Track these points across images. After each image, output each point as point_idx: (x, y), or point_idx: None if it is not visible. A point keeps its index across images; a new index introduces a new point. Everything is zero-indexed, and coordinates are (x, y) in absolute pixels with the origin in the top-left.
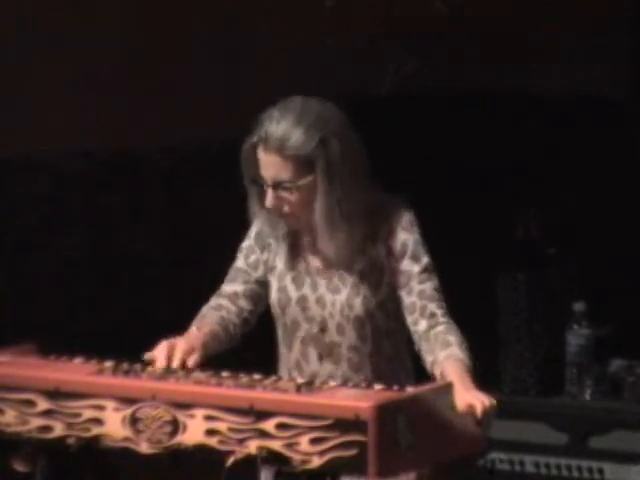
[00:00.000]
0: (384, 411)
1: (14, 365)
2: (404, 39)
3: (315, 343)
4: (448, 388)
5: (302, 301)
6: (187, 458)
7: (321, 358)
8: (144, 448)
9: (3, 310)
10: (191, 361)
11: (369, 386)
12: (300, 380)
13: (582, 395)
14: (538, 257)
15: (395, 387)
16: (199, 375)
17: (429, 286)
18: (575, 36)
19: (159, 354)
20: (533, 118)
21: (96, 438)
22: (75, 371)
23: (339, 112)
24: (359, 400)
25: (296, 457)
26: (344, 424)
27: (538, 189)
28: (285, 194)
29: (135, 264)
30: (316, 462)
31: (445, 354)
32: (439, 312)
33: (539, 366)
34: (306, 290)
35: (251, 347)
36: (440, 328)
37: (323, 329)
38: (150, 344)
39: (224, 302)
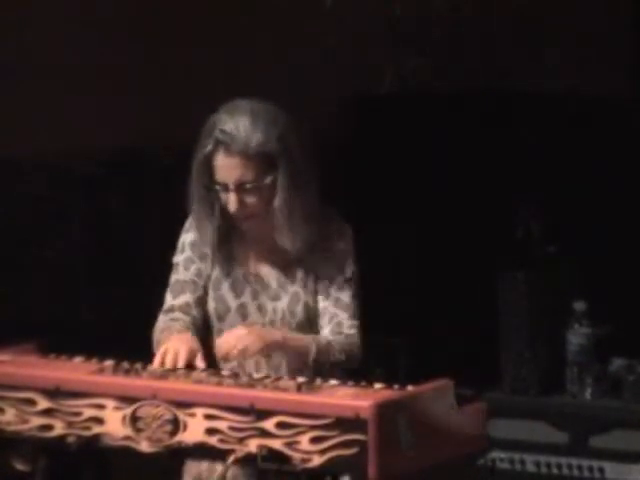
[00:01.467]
0: (384, 410)
1: (14, 364)
2: (404, 39)
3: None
4: (448, 388)
5: (242, 309)
6: (187, 457)
7: (258, 366)
8: (144, 447)
9: (3, 310)
10: (200, 363)
11: (369, 385)
12: (300, 379)
13: (583, 394)
14: (538, 257)
15: (395, 386)
16: (199, 374)
17: (346, 295)
18: (575, 36)
19: (167, 362)
20: (533, 118)
21: (96, 437)
22: (75, 370)
23: (283, 111)
24: (359, 399)
25: (296, 456)
26: (344, 423)
27: (538, 189)
28: (249, 195)
29: (135, 264)
30: (316, 461)
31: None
32: (346, 323)
33: (539, 365)
34: (246, 298)
35: None
36: (338, 338)
37: None
38: (150, 344)
39: (177, 315)
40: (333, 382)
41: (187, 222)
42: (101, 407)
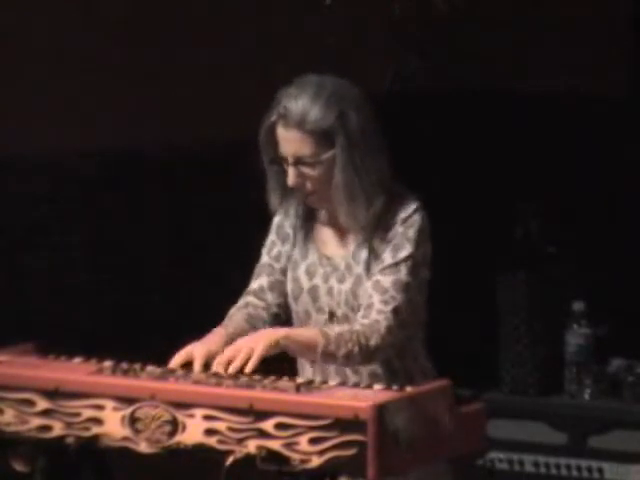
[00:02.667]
0: (383, 411)
1: (13, 365)
2: (404, 39)
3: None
4: (447, 388)
5: (313, 291)
6: (186, 458)
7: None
8: (143, 448)
9: (3, 310)
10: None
11: (368, 386)
12: (299, 380)
13: (582, 395)
14: (538, 256)
15: (394, 387)
16: (198, 375)
17: (389, 279)
18: (575, 36)
19: (176, 364)
20: (533, 118)
21: (95, 438)
22: (74, 371)
23: (354, 87)
24: (358, 400)
25: (295, 457)
26: (343, 424)
27: (538, 189)
28: (306, 170)
29: (135, 264)
30: (315, 462)
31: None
32: (378, 307)
33: (539, 366)
34: (317, 280)
35: None
36: (363, 321)
37: (331, 318)
38: (150, 344)
39: (250, 299)
40: (332, 383)
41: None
42: (100, 408)
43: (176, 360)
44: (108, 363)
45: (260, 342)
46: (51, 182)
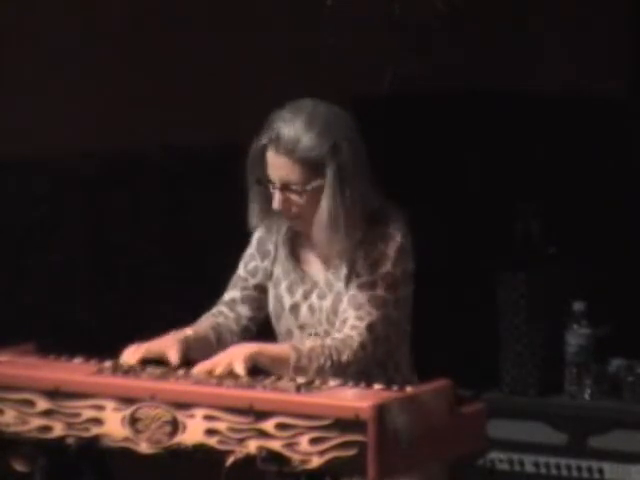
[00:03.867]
0: (384, 411)
1: (14, 365)
2: (404, 39)
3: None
4: (448, 388)
5: (294, 309)
6: (187, 458)
7: None
8: (144, 448)
9: (3, 310)
10: (172, 358)
11: (369, 386)
12: (300, 380)
13: (582, 395)
14: (538, 256)
15: (395, 387)
16: (199, 375)
17: (365, 294)
18: (575, 36)
19: (126, 355)
20: (533, 118)
21: (96, 438)
22: (75, 371)
23: (348, 117)
24: (359, 400)
25: (296, 457)
26: (344, 424)
27: (538, 189)
28: (293, 196)
29: (135, 264)
30: (316, 462)
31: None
32: (352, 322)
33: (539, 366)
34: (298, 297)
35: None
36: (336, 335)
37: (312, 335)
38: None
39: (223, 309)
40: (332, 383)
41: None
42: (100, 408)
43: (127, 354)
44: (108, 363)
45: (238, 356)
46: (51, 182)
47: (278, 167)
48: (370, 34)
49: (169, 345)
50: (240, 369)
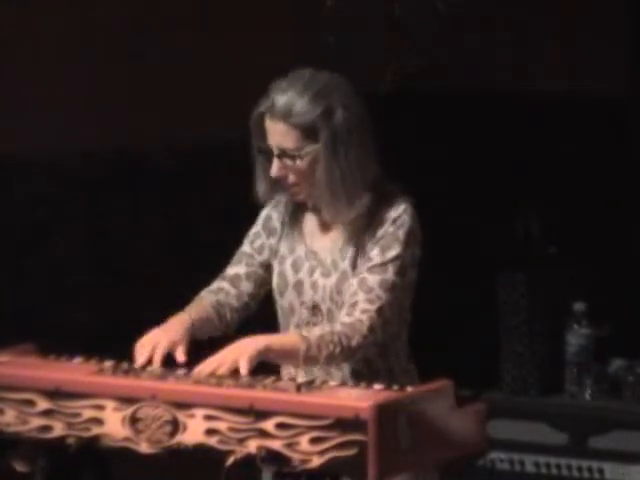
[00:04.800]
0: (384, 411)
1: (14, 365)
2: (404, 39)
3: (307, 328)
4: (448, 388)
5: (298, 285)
6: (187, 458)
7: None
8: (144, 448)
9: (3, 310)
10: (180, 357)
11: (369, 386)
12: (300, 379)
13: (582, 395)
14: (538, 256)
15: (395, 387)
16: (199, 375)
17: (376, 278)
18: (575, 36)
19: (140, 355)
20: (533, 117)
21: (96, 438)
22: (75, 371)
23: (347, 83)
24: (359, 400)
25: (296, 457)
26: (344, 424)
27: (538, 188)
28: (290, 163)
29: (135, 264)
30: (316, 462)
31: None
32: (362, 306)
33: (539, 366)
34: (302, 274)
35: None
36: (346, 319)
37: (315, 313)
38: None
39: (224, 285)
40: (333, 383)
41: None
42: (101, 408)
43: (140, 357)
44: (109, 363)
45: (244, 354)
46: (51, 182)
47: (274, 134)
48: (370, 34)
49: (178, 340)
50: (244, 369)
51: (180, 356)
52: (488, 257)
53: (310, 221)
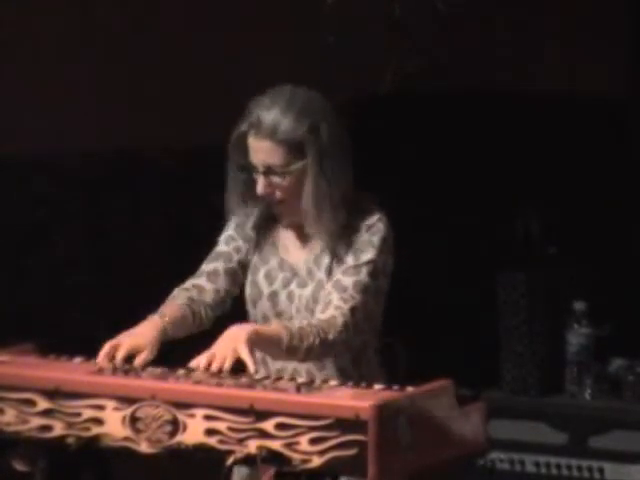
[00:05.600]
0: (384, 411)
1: (14, 365)
2: (404, 39)
3: None
4: (448, 388)
5: (273, 296)
6: (187, 458)
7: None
8: (144, 448)
9: (3, 310)
10: (138, 360)
11: (369, 386)
12: (300, 380)
13: (582, 394)
14: (538, 256)
15: (395, 387)
16: (199, 374)
17: (349, 279)
18: (575, 36)
19: (102, 355)
20: (533, 118)
21: (96, 438)
22: (75, 371)
23: (325, 100)
24: (359, 400)
25: (296, 457)
26: (344, 424)
27: (538, 188)
28: (276, 180)
29: (135, 264)
30: (316, 462)
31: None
32: (336, 303)
33: (539, 365)
34: (277, 285)
35: None
36: (320, 316)
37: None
38: None
39: (200, 281)
40: (333, 383)
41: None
42: (101, 408)
43: (102, 355)
44: (104, 362)
45: (239, 341)
46: (51, 182)
47: (260, 151)
48: (370, 34)
49: (142, 344)
50: (245, 354)
51: (138, 360)
52: (488, 257)
53: (284, 231)
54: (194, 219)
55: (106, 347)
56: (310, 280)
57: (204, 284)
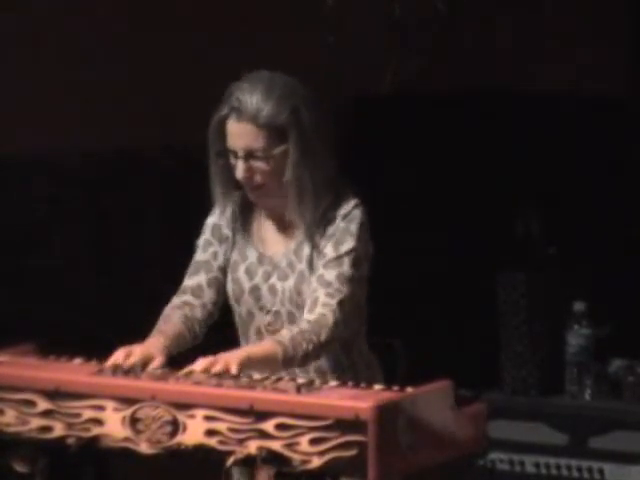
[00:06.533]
0: (384, 411)
1: (14, 365)
2: (404, 39)
3: (268, 333)
4: (448, 389)
5: (255, 291)
6: (187, 458)
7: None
8: (144, 448)
9: (3, 310)
10: (154, 365)
11: (369, 386)
12: (300, 380)
13: (582, 395)
14: (538, 257)
15: (395, 387)
16: (199, 375)
17: (332, 272)
18: (575, 36)
19: (114, 358)
20: (533, 118)
21: (96, 438)
22: (75, 371)
23: (303, 86)
24: (359, 400)
25: (296, 457)
26: (344, 424)
27: (538, 188)
28: (257, 164)
29: (135, 264)
30: (316, 462)
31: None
32: (323, 300)
33: (539, 366)
34: (258, 280)
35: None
36: (309, 316)
37: (275, 317)
38: None
39: (188, 298)
40: (333, 383)
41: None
42: (101, 408)
43: (113, 359)
44: (109, 364)
45: (233, 360)
46: (51, 182)
47: (241, 135)
48: (370, 34)
49: (154, 353)
50: (235, 370)
51: (154, 365)
52: (488, 257)
53: (261, 225)
54: (194, 219)
55: (118, 354)
56: (291, 272)
57: (192, 300)
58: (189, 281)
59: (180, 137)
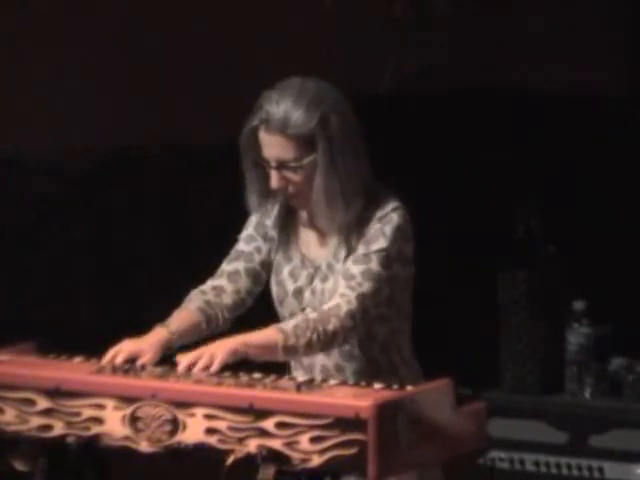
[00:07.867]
0: (384, 410)
1: (14, 364)
2: (404, 39)
3: None
4: (448, 388)
5: (297, 293)
6: (187, 457)
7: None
8: (144, 447)
9: (3, 310)
10: (141, 361)
11: (369, 385)
12: (300, 379)
13: (582, 394)
14: (538, 256)
15: (395, 386)
16: (199, 374)
17: (358, 267)
18: (575, 36)
19: (105, 357)
20: (533, 118)
21: (96, 437)
22: (75, 370)
23: (335, 90)
24: (359, 399)
25: (296, 456)
26: (344, 423)
27: (538, 188)
28: (289, 174)
29: (135, 264)
30: (316, 461)
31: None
32: (341, 291)
33: (539, 365)
34: (301, 282)
35: None
36: (324, 306)
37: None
38: None
39: (221, 282)
40: (333, 382)
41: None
42: (101, 407)
43: (104, 358)
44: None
45: (220, 350)
46: (51, 182)
47: (272, 146)
48: (370, 34)
49: (145, 349)
50: (215, 365)
51: (141, 362)
52: (488, 257)
53: (303, 228)
54: (194, 219)
55: (109, 354)
56: (331, 274)
57: (225, 285)
58: (227, 266)
59: (180, 137)
